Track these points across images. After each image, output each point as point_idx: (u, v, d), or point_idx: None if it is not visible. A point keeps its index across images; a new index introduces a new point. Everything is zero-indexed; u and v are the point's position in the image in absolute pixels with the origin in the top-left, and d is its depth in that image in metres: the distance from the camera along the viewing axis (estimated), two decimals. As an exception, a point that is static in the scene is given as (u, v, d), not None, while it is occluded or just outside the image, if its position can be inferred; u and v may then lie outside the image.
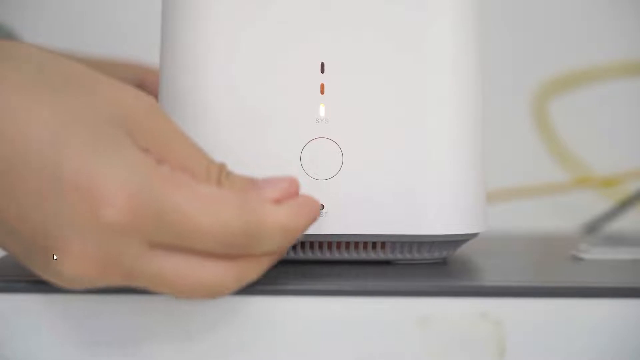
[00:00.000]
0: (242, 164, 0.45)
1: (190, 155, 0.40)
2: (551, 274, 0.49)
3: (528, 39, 0.92)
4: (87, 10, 0.91)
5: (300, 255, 0.47)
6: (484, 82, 0.48)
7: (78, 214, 0.36)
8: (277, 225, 0.39)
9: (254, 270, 0.39)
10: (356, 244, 0.47)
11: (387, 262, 0.48)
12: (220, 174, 0.40)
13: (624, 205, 0.77)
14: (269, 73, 0.46)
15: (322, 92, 0.46)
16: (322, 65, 0.46)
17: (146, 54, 0.73)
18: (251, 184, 0.40)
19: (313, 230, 0.44)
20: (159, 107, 0.40)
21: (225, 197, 0.38)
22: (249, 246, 0.38)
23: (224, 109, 0.46)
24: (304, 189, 0.42)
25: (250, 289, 0.40)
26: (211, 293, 0.38)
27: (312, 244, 0.47)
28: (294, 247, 0.47)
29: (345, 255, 0.47)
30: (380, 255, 0.47)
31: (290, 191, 0.40)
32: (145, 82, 0.70)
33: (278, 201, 0.39)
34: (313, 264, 0.47)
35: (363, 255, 0.47)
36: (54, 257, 0.37)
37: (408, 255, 0.47)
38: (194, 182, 0.38)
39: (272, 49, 0.46)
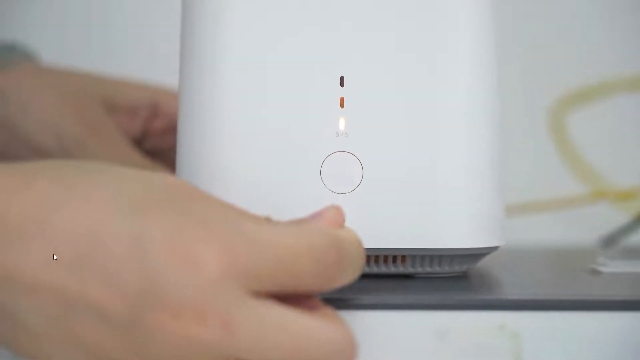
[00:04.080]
0: (261, 178, 0.46)
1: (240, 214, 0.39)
2: (570, 287, 0.49)
3: (545, 52, 0.92)
4: (109, 25, 0.91)
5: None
6: (501, 95, 0.48)
7: (173, 277, 0.35)
8: (353, 236, 0.38)
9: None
10: (376, 257, 0.47)
11: (407, 276, 0.48)
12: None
13: (642, 218, 0.77)
14: (288, 86, 0.46)
15: (341, 105, 0.46)
16: (342, 78, 0.46)
17: (159, 69, 0.73)
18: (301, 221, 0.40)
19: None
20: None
21: (297, 226, 0.38)
22: (338, 262, 0.37)
23: (244, 123, 0.46)
24: (324, 203, 0.42)
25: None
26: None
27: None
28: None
29: (366, 269, 0.47)
30: (400, 269, 0.47)
31: (338, 219, 0.39)
32: (160, 104, 0.69)
33: None
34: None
35: (383, 269, 0.47)
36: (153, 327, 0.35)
37: (429, 269, 0.47)
38: (264, 220, 0.38)
39: (292, 62, 0.46)
